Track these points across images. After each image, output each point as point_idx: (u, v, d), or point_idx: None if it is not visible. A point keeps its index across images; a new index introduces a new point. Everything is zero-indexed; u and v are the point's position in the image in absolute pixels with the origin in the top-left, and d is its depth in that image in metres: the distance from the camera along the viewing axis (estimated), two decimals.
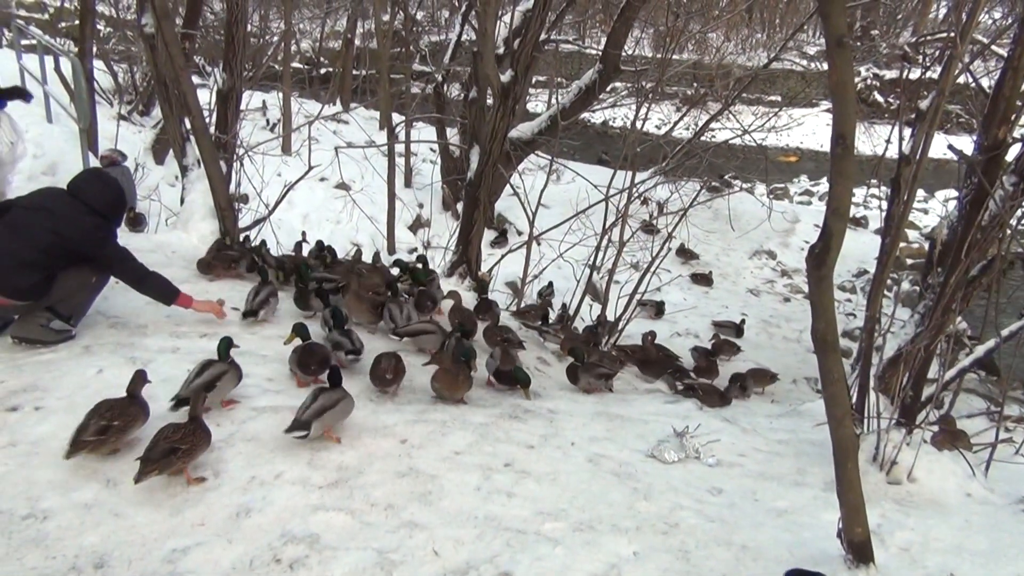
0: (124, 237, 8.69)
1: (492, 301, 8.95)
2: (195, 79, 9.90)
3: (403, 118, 16.94)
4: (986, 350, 7.12)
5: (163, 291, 6.30)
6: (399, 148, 16.95)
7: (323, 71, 28.66)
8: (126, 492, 4.25)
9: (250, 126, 16.17)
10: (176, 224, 9.31)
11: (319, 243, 9.42)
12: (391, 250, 14.40)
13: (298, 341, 5.95)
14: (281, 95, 19.16)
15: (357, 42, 26.36)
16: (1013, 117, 6.38)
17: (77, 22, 12.22)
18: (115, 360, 5.66)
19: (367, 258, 10.04)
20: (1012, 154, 7.05)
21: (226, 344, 5.43)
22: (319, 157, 12.49)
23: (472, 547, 4.08)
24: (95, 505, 4.11)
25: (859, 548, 4.10)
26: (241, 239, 8.90)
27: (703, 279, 15.55)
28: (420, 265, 9.09)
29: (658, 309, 12.87)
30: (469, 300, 8.98)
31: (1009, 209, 6.65)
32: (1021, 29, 6.06)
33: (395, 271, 8.88)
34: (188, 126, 8.96)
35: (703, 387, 8.33)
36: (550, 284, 13.49)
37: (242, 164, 9.87)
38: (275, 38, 23.39)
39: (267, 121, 20.29)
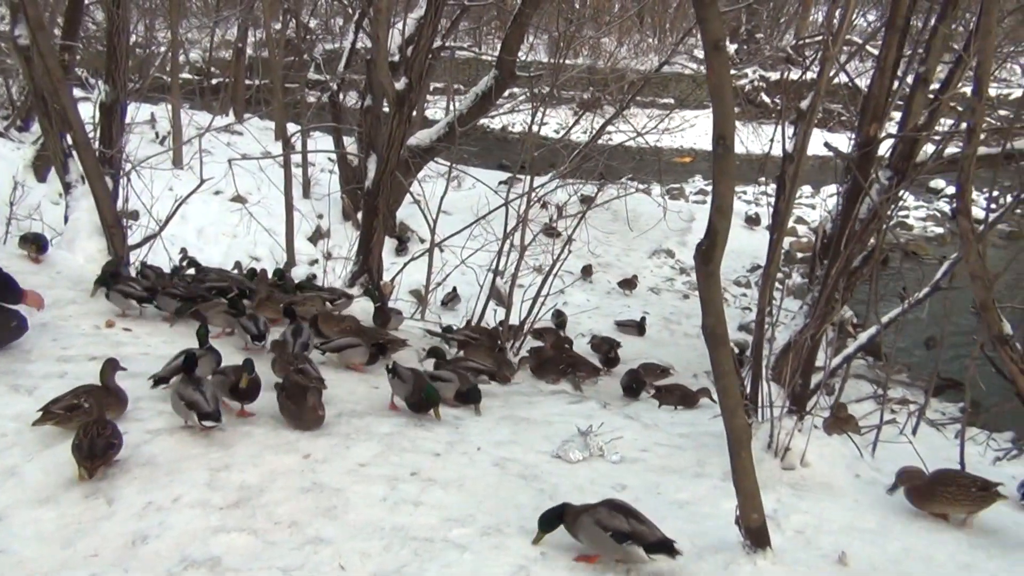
0: (24, 263, 8.29)
1: (391, 309, 8.92)
2: (76, 92, 9.54)
3: (299, 128, 16.66)
4: (868, 337, 7.49)
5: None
6: (296, 159, 16.64)
7: (214, 81, 27.89)
8: (12, 526, 4.05)
9: (137, 139, 15.56)
10: (61, 244, 8.92)
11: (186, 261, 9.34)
12: (291, 262, 14.11)
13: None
14: (170, 107, 18.56)
15: (249, 51, 25.76)
16: (883, 115, 6.75)
17: None
18: None
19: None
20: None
21: (204, 331, 6.04)
22: (212, 170, 12.18)
23: (379, 559, 4.04)
24: None
25: (756, 533, 4.24)
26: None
27: (627, 284, 15.71)
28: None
29: (559, 320, 12.86)
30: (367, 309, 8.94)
31: (885, 202, 7.02)
32: (887, 32, 6.41)
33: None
34: (70, 141, 8.62)
35: (667, 387, 8.33)
36: (454, 290, 13.48)
37: (129, 179, 9.55)
38: (162, 48, 22.67)
39: (156, 134, 19.62)
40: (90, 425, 4.45)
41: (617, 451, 5.85)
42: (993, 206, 8.83)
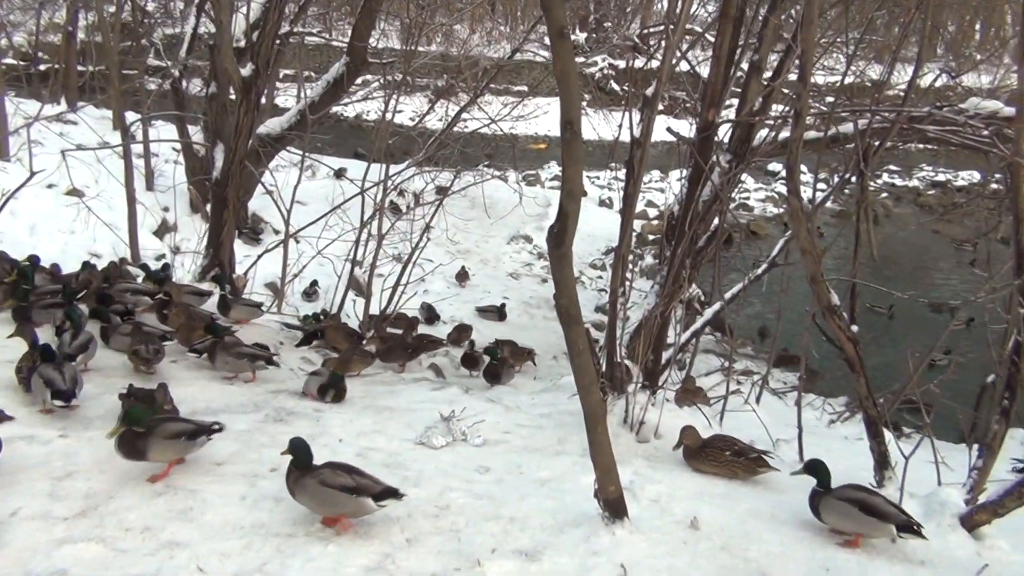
0: None
1: (246, 300, 8.68)
2: None
3: (139, 116, 15.83)
4: (713, 312, 7.88)
5: None
6: (137, 149, 15.78)
7: (42, 67, 26.04)
8: None
9: None
10: None
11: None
12: (135, 258, 13.40)
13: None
14: None
15: (81, 35, 24.18)
16: (720, 101, 7.09)
17: None
18: None
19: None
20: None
21: (78, 313, 6.29)
22: (44, 162, 11.43)
23: (240, 558, 3.95)
24: None
25: (613, 505, 4.42)
26: None
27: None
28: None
29: (429, 313, 12.85)
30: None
31: (725, 184, 7.39)
32: (721, 21, 6.74)
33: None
34: None
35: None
36: (315, 283, 13.21)
37: None
38: None
39: None
40: None
41: (480, 434, 5.93)
42: (822, 186, 9.48)
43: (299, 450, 4.33)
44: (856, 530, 4.68)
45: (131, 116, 16.71)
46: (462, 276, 15.42)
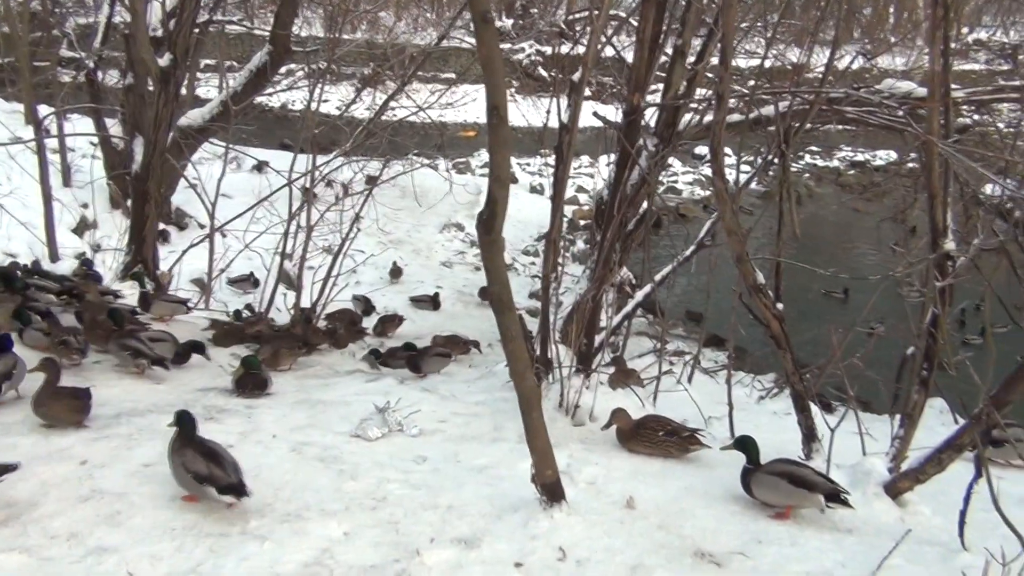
0: None
1: (170, 295, 8.47)
2: None
3: (52, 110, 15.26)
4: (643, 295, 7.99)
5: None
6: (51, 143, 15.20)
7: None
8: None
9: None
10: None
11: None
12: (53, 257, 12.95)
13: None
14: None
15: None
16: (644, 85, 7.15)
17: None
18: None
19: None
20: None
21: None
22: None
23: (171, 560, 3.86)
24: None
25: (551, 489, 4.44)
26: None
27: None
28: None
29: (366, 305, 12.70)
30: None
31: (652, 168, 7.48)
32: (644, 6, 6.79)
33: None
34: None
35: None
36: (251, 274, 12.92)
37: None
38: None
39: None
40: None
41: (416, 424, 5.91)
42: (746, 168, 9.67)
43: (183, 421, 4.49)
44: (786, 502, 4.82)
45: (44, 110, 16.13)
46: (395, 272, 15.08)
